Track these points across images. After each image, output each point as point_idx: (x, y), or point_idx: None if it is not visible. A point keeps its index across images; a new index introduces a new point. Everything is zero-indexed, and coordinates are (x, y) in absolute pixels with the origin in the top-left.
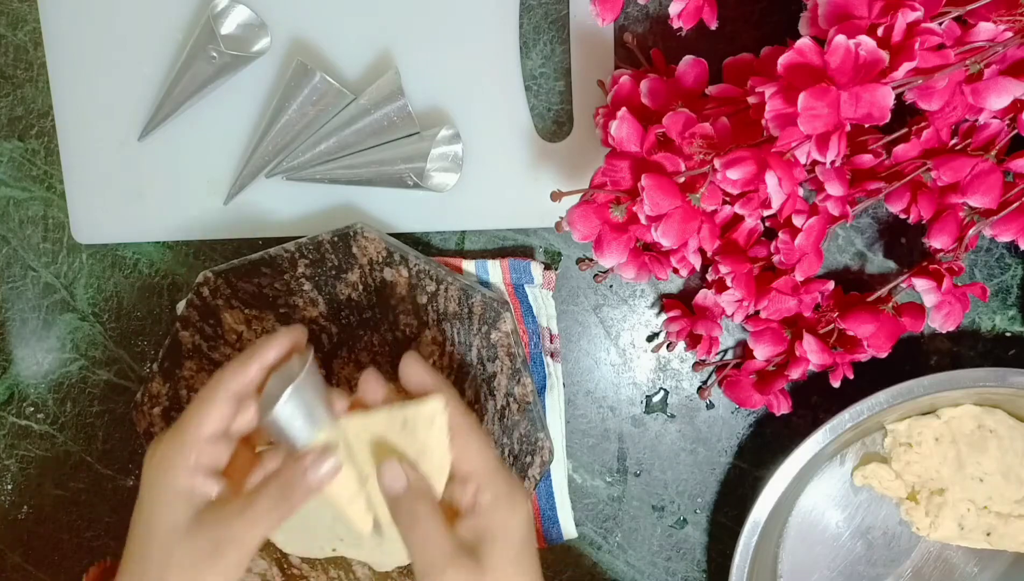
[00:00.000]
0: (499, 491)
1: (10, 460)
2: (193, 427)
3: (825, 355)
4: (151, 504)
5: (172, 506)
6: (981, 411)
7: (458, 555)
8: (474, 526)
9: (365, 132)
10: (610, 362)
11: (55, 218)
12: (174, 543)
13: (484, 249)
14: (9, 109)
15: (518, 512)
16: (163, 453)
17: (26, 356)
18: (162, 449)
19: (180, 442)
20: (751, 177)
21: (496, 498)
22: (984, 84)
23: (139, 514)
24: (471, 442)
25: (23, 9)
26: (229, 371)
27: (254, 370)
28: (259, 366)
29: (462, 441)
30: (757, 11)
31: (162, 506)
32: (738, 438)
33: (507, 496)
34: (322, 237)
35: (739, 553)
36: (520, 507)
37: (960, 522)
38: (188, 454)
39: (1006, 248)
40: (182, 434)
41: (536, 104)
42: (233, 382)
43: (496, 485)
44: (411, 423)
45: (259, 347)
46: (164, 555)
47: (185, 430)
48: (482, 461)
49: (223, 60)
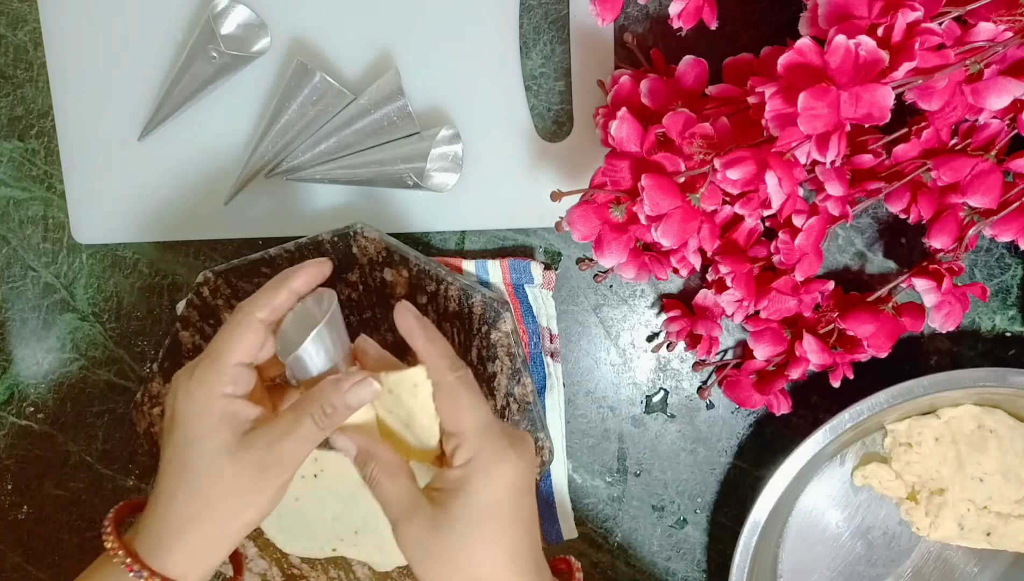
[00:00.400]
0: (477, 456)
1: (10, 460)
2: (227, 353)
3: (825, 355)
4: (194, 429)
5: (218, 430)
6: (981, 411)
7: (412, 508)
8: (445, 480)
9: (365, 132)
10: (610, 362)
11: (55, 218)
12: (222, 465)
13: (484, 249)
14: (9, 109)
15: (492, 479)
16: (200, 379)
17: (26, 356)
18: (198, 376)
19: (217, 369)
20: (751, 177)
21: (471, 461)
22: (984, 84)
23: (179, 441)
24: (459, 402)
25: (23, 9)
26: (260, 298)
27: (283, 296)
28: (288, 292)
29: (448, 401)
30: (757, 11)
31: (207, 430)
32: (738, 438)
33: (483, 464)
34: (322, 237)
35: (739, 553)
36: (498, 475)
37: (960, 522)
38: (226, 380)
39: (1006, 248)
40: (218, 360)
41: (536, 104)
42: (264, 309)
43: (473, 449)
44: (396, 390)
45: (288, 274)
46: (213, 478)
47: (220, 356)
48: (468, 421)
49: (223, 60)
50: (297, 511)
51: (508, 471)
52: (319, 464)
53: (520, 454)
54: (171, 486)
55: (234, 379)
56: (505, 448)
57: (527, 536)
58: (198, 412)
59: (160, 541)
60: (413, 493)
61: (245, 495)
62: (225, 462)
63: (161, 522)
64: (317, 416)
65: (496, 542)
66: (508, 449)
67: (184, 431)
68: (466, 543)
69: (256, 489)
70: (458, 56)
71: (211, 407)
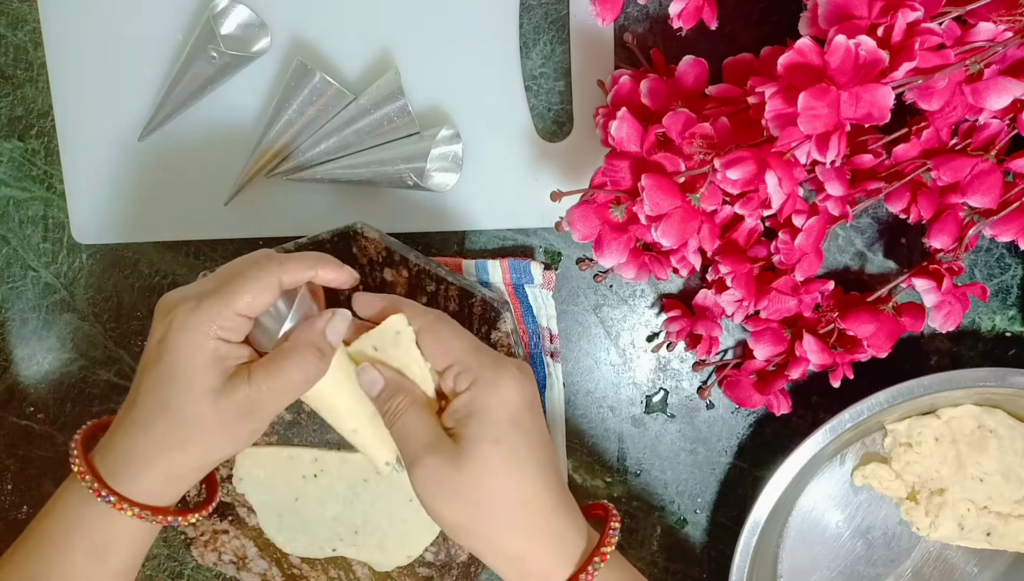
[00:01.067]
0: (479, 374)
1: (10, 460)
2: (238, 300)
3: (825, 355)
4: (183, 365)
5: (206, 371)
6: (981, 411)
7: (437, 443)
8: (454, 411)
9: (365, 132)
10: (610, 362)
11: (55, 218)
12: (208, 403)
13: (484, 249)
14: (9, 109)
15: (500, 390)
16: (202, 317)
17: (26, 356)
18: (201, 312)
19: (222, 312)
20: (751, 177)
21: (475, 381)
22: (984, 84)
23: (164, 371)
24: (440, 336)
25: (23, 9)
26: (290, 265)
27: (309, 275)
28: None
29: (431, 339)
30: (757, 11)
31: (197, 369)
32: (738, 438)
33: (488, 378)
34: (322, 237)
35: (739, 553)
36: (504, 386)
37: (960, 522)
38: (228, 325)
39: (1006, 248)
40: (226, 304)
41: (536, 104)
42: (289, 275)
43: (473, 369)
44: (380, 345)
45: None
46: (195, 417)
47: (230, 301)
48: (456, 350)
49: (223, 60)
50: (297, 511)
51: (514, 383)
52: (319, 464)
53: (522, 369)
54: (149, 413)
55: (235, 326)
56: (504, 362)
57: (547, 449)
58: (191, 348)
59: (128, 464)
60: (437, 430)
61: (223, 434)
62: (208, 403)
63: (132, 446)
64: (300, 357)
65: (522, 457)
66: (507, 363)
67: (171, 363)
68: (490, 466)
69: (234, 432)
70: (458, 56)
71: (205, 346)
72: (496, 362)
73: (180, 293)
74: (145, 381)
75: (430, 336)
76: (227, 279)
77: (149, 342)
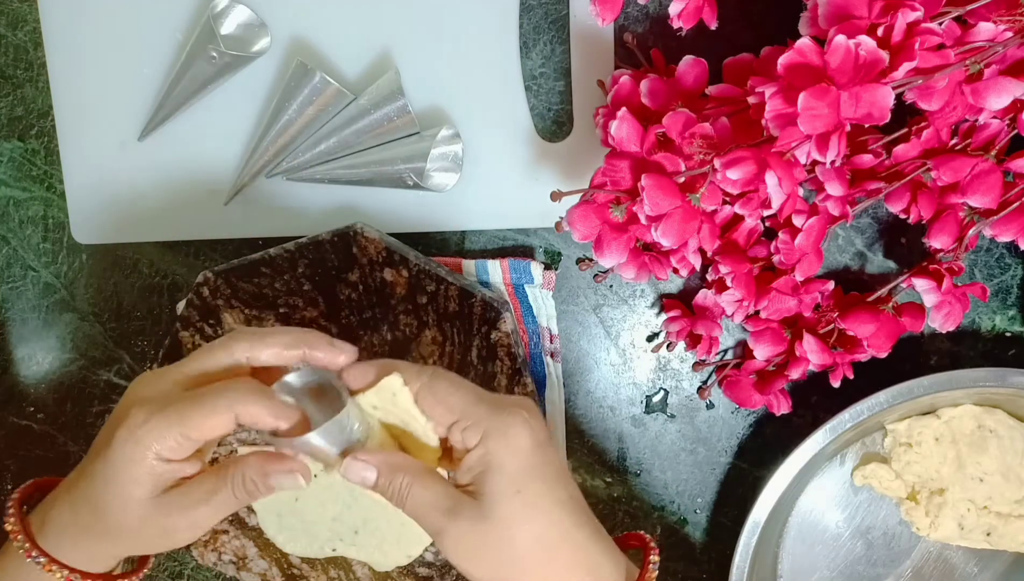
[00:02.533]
0: (487, 426)
1: (10, 460)
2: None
3: (825, 355)
4: (118, 469)
5: (142, 482)
6: (981, 411)
7: (455, 506)
8: (469, 468)
9: (365, 132)
10: (610, 362)
11: (55, 218)
12: (135, 513)
13: (484, 249)
14: (9, 109)
15: (511, 440)
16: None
17: (26, 356)
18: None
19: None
20: (751, 177)
21: (484, 435)
22: (984, 84)
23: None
24: (439, 394)
25: (23, 9)
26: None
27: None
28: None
29: (430, 398)
30: (757, 11)
31: (131, 477)
32: (738, 438)
33: (497, 429)
34: (322, 237)
35: (739, 553)
36: (514, 434)
37: (960, 522)
38: (171, 445)
39: (1006, 248)
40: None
41: (536, 104)
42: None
43: (479, 421)
44: (379, 403)
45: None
46: (124, 521)
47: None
48: (458, 405)
49: (223, 60)
50: (297, 511)
51: (523, 428)
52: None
53: (528, 410)
54: (84, 503)
55: (178, 447)
56: (507, 407)
57: (568, 488)
58: (129, 461)
59: (61, 535)
60: (451, 493)
61: (150, 542)
62: (135, 513)
63: (67, 523)
64: (237, 488)
65: (545, 504)
66: (513, 408)
67: (111, 466)
68: (515, 518)
69: (161, 542)
70: (458, 56)
71: (144, 461)
72: (500, 410)
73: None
74: (89, 468)
75: (429, 396)
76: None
77: (107, 425)
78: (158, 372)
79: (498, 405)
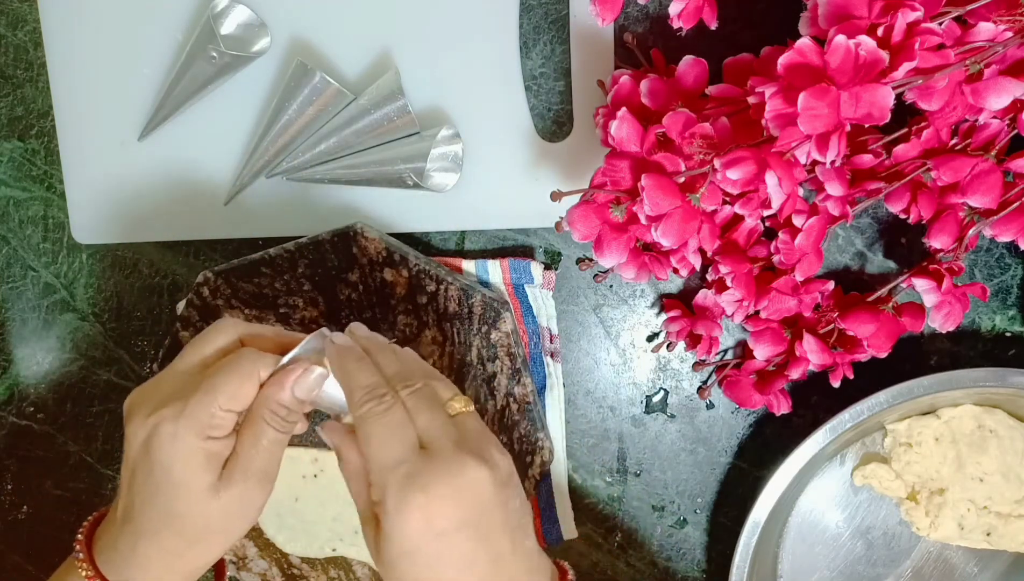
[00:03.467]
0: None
1: (10, 460)
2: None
3: (825, 355)
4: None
5: (203, 472)
6: (981, 411)
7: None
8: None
9: (365, 132)
10: (610, 362)
11: (55, 218)
12: (210, 505)
13: (484, 249)
14: (9, 109)
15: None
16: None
17: (26, 356)
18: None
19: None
20: (751, 177)
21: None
22: (984, 84)
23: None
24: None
25: (23, 9)
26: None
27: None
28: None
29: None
30: (757, 11)
31: (193, 473)
32: (738, 438)
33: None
34: (322, 237)
35: (739, 553)
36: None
37: (960, 522)
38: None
39: (1006, 248)
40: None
41: (536, 104)
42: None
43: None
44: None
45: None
46: (202, 517)
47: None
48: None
49: (223, 60)
50: (297, 511)
51: (415, 516)
52: (319, 464)
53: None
54: (153, 522)
55: (222, 423)
56: (411, 489)
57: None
58: (184, 454)
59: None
60: (367, 503)
61: (233, 524)
62: (211, 501)
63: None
64: (272, 421)
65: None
66: (414, 491)
67: (167, 471)
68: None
69: (243, 515)
70: (458, 56)
71: (198, 449)
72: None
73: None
74: (141, 490)
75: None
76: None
77: (131, 444)
78: (154, 380)
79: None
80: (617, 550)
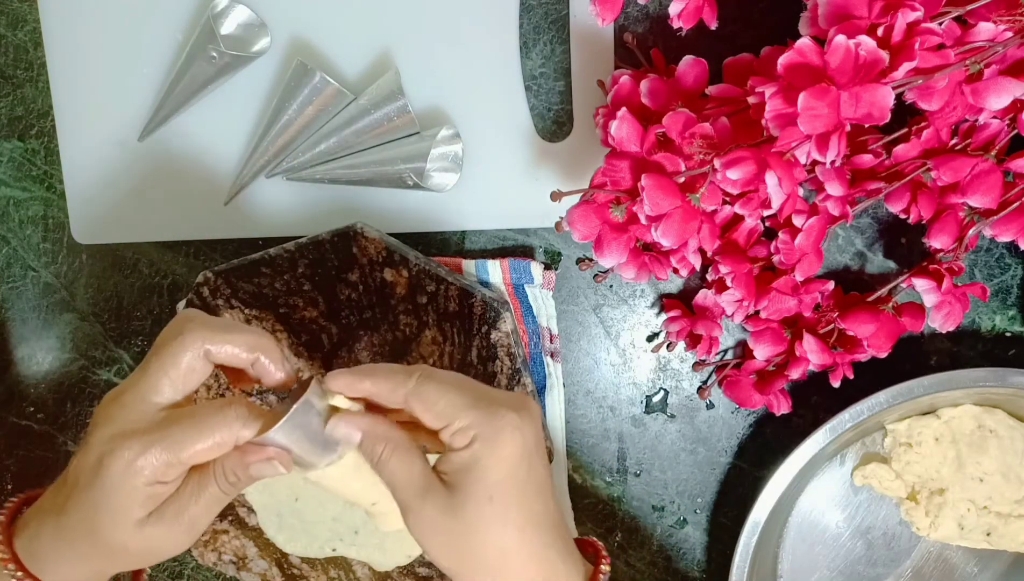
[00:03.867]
0: (477, 430)
1: (10, 460)
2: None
3: (825, 355)
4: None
5: (140, 506)
6: (981, 411)
7: (427, 490)
8: (450, 462)
9: (365, 132)
10: (610, 362)
11: (55, 218)
12: (134, 532)
13: (484, 249)
14: (9, 109)
15: (498, 448)
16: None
17: (26, 356)
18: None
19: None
20: (751, 177)
21: (473, 439)
22: (984, 84)
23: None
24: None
25: (23, 9)
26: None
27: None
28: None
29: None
30: (757, 11)
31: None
32: (738, 438)
33: (486, 436)
34: (322, 237)
35: (739, 553)
36: (503, 443)
37: (960, 522)
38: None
39: (1006, 248)
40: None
41: (536, 104)
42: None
43: (470, 426)
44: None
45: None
46: (122, 543)
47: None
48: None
49: (223, 60)
50: (297, 511)
51: (515, 438)
52: None
53: (522, 411)
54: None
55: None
56: (501, 412)
57: (543, 502)
58: (129, 488)
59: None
60: (426, 474)
61: (147, 557)
62: (135, 533)
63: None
64: (221, 481)
65: (513, 515)
66: (509, 414)
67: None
68: (482, 522)
69: (158, 553)
70: (458, 56)
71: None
72: (491, 415)
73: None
74: (77, 496)
75: (417, 402)
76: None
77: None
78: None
79: (491, 408)
80: (617, 550)
